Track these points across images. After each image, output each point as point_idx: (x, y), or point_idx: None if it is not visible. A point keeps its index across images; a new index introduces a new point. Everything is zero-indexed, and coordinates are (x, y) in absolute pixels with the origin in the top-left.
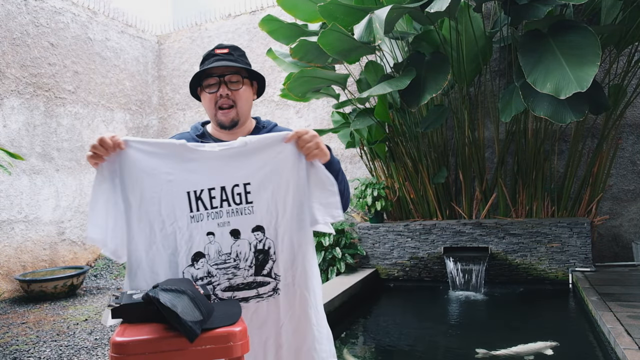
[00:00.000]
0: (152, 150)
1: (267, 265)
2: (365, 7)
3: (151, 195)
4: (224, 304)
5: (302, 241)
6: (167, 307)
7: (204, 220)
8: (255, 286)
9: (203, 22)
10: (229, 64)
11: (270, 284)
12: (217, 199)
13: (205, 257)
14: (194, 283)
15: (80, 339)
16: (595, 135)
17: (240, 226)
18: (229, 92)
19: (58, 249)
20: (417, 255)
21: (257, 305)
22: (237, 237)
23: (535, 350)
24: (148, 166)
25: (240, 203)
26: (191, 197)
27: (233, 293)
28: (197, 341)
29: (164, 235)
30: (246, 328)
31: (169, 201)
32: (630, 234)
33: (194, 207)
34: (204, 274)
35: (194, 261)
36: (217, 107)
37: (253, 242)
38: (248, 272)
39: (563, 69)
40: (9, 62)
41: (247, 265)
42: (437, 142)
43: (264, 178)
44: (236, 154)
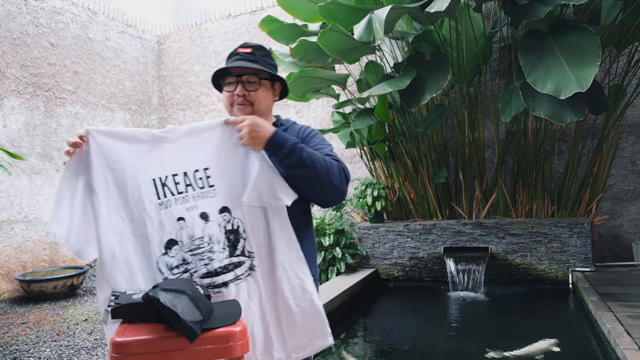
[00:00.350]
0: (116, 140)
1: (240, 245)
2: (365, 7)
3: (118, 185)
4: (224, 304)
5: (271, 216)
6: (167, 307)
7: (173, 206)
8: (232, 268)
9: (203, 22)
10: (247, 64)
11: (246, 262)
12: (182, 185)
13: (178, 243)
14: (194, 283)
15: (80, 339)
16: (595, 135)
17: (207, 209)
18: (245, 92)
19: (58, 249)
20: (417, 255)
21: (237, 288)
22: (206, 219)
23: (543, 350)
24: (112, 155)
25: (204, 187)
26: (157, 184)
27: (212, 279)
28: (197, 341)
29: (134, 225)
30: (246, 328)
31: (135, 190)
32: (630, 234)
33: (161, 193)
34: (178, 261)
35: (167, 249)
36: (233, 105)
37: (222, 224)
38: (223, 254)
39: (563, 69)
40: (9, 62)
41: (220, 248)
42: (437, 142)
43: (220, 161)
44: (195, 140)
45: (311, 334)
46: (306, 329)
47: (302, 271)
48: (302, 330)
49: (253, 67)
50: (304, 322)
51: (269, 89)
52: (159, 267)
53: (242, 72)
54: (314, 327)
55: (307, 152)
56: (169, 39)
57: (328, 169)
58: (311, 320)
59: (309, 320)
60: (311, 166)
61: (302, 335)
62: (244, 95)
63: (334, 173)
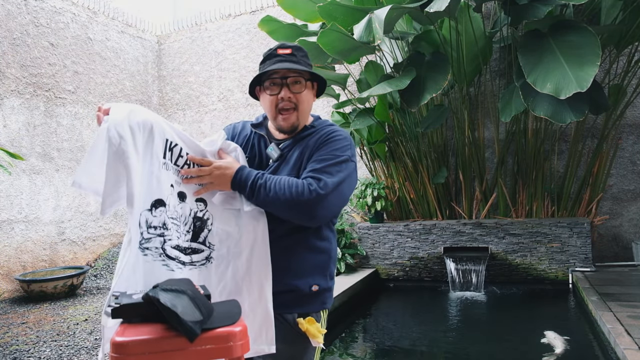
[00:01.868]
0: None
1: (202, 234)
2: (365, 7)
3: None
4: (224, 304)
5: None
6: (167, 307)
7: (170, 170)
8: (190, 252)
9: (203, 22)
10: (292, 66)
11: (204, 252)
12: (182, 160)
13: (165, 206)
14: (194, 283)
15: (80, 339)
16: (595, 135)
17: (187, 191)
18: (290, 95)
19: (58, 249)
20: (417, 255)
21: (190, 274)
22: (182, 199)
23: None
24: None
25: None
26: (167, 144)
27: (179, 253)
28: (197, 341)
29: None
30: (246, 328)
31: (160, 139)
32: (630, 234)
33: (167, 155)
34: (159, 223)
35: (152, 207)
36: (277, 110)
37: (194, 210)
38: (185, 236)
39: (563, 69)
40: (9, 62)
41: (185, 230)
42: (437, 142)
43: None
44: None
45: (256, 337)
46: (252, 331)
47: (266, 277)
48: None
49: (299, 69)
50: (252, 324)
51: (311, 89)
52: (139, 220)
53: (286, 74)
54: (261, 332)
55: (267, 189)
56: (169, 39)
57: (292, 199)
58: (260, 324)
59: (257, 323)
60: (272, 202)
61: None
62: (289, 98)
63: (299, 202)
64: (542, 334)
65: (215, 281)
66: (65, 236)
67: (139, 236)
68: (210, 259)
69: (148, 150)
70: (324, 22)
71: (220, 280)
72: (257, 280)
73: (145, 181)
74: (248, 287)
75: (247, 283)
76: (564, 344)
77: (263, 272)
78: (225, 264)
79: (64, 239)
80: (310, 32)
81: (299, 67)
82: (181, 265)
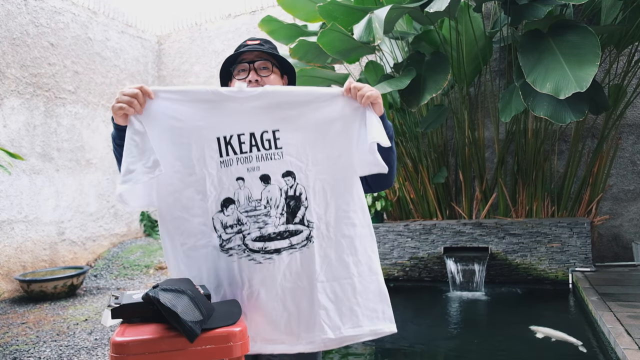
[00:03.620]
0: (181, 98)
1: (299, 212)
2: (365, 7)
3: (181, 141)
4: (224, 304)
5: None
6: (167, 307)
7: (234, 164)
8: (288, 235)
9: (203, 22)
10: (260, 48)
11: (304, 232)
12: (247, 144)
13: (234, 203)
14: (193, 283)
15: (80, 339)
16: (595, 135)
17: (270, 171)
18: (258, 77)
19: (58, 249)
20: (417, 255)
21: (290, 257)
22: (267, 182)
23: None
24: (178, 113)
25: (270, 148)
26: (221, 142)
27: (264, 244)
28: (197, 341)
29: (194, 180)
30: (246, 328)
31: (199, 146)
32: (630, 234)
33: (224, 152)
34: (233, 221)
35: (223, 207)
36: None
37: (284, 188)
38: (279, 220)
39: (563, 69)
40: (9, 62)
41: (278, 213)
42: (437, 142)
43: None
44: (268, 101)
45: (372, 316)
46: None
47: (372, 249)
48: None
49: (265, 52)
50: (366, 303)
51: (279, 77)
52: (214, 224)
53: (253, 59)
54: (376, 309)
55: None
56: (169, 39)
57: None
58: (374, 302)
59: (372, 301)
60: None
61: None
62: (256, 81)
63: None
64: (541, 334)
65: (319, 262)
66: (65, 236)
67: (218, 240)
68: (311, 238)
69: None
70: (324, 22)
71: (324, 260)
72: (363, 253)
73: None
74: (355, 262)
75: (353, 258)
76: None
77: (369, 244)
78: (327, 242)
79: (64, 239)
80: (310, 32)
81: (267, 51)
82: (270, 254)
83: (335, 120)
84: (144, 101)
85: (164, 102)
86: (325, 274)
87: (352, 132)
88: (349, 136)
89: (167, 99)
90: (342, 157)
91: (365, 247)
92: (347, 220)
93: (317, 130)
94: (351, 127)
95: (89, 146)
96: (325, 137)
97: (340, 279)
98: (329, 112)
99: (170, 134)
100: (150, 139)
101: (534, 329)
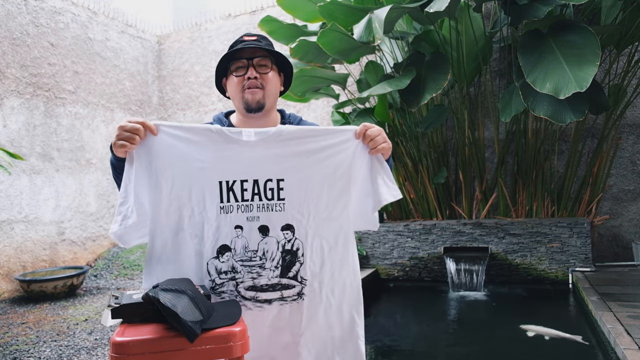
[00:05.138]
0: (185, 136)
1: (294, 268)
2: (365, 7)
3: (181, 182)
4: (224, 304)
5: (336, 246)
6: (167, 307)
7: (234, 212)
8: (280, 288)
9: (203, 22)
10: (258, 44)
11: (296, 287)
12: (249, 192)
13: (231, 250)
14: (193, 283)
15: (80, 339)
16: (595, 135)
17: (270, 223)
18: (257, 74)
19: (58, 249)
20: (417, 255)
21: (279, 309)
22: (265, 234)
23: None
24: (180, 152)
25: (272, 199)
26: (223, 187)
27: (256, 293)
28: (197, 341)
29: (192, 223)
30: (246, 328)
31: (199, 189)
32: (630, 234)
33: (225, 197)
34: (228, 268)
35: (219, 254)
36: (244, 89)
37: (281, 242)
38: (273, 272)
39: (563, 69)
40: (9, 62)
41: (272, 266)
42: (437, 142)
43: (301, 175)
44: (273, 147)
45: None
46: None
47: (358, 312)
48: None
49: (264, 49)
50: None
51: (277, 74)
52: (207, 269)
53: (252, 55)
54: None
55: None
56: (169, 39)
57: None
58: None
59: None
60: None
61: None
62: (255, 78)
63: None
64: (532, 332)
65: (306, 318)
66: (65, 236)
67: (210, 283)
68: (302, 295)
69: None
70: (323, 22)
71: (312, 317)
72: (348, 313)
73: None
74: (340, 322)
75: (339, 319)
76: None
77: (354, 306)
78: (318, 300)
79: (64, 239)
80: (310, 32)
81: (265, 48)
82: (261, 303)
83: (343, 175)
84: (145, 136)
85: (167, 138)
86: (311, 330)
87: (357, 188)
88: (355, 194)
89: (170, 135)
90: (343, 215)
91: (350, 310)
92: (340, 280)
93: (322, 184)
94: (356, 184)
95: (89, 146)
96: (330, 192)
97: (323, 338)
98: (338, 162)
99: (171, 173)
100: (150, 176)
101: (525, 328)
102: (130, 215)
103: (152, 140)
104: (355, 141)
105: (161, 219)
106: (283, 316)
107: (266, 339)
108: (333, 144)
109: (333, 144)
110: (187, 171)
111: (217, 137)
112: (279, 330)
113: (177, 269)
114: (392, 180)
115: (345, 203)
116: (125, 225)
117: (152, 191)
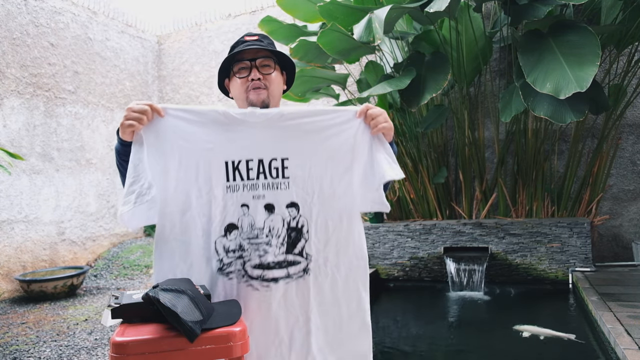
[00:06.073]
0: (191, 118)
1: (299, 244)
2: (365, 7)
3: (188, 162)
4: (224, 304)
5: (340, 224)
6: (167, 307)
7: (240, 191)
8: (286, 265)
9: (203, 22)
10: (260, 45)
11: (301, 263)
12: (254, 171)
13: (238, 229)
14: (193, 283)
15: (80, 339)
16: (595, 135)
17: (275, 201)
18: (260, 75)
19: (58, 249)
20: (417, 255)
21: (286, 287)
22: (271, 211)
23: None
24: (187, 133)
25: (277, 177)
26: (229, 166)
27: (263, 271)
28: (197, 341)
29: (199, 203)
30: (246, 328)
31: (206, 169)
32: (630, 234)
33: (231, 177)
34: (235, 246)
35: (226, 232)
36: (248, 90)
37: (287, 219)
38: (279, 249)
39: (563, 69)
40: (9, 62)
41: (279, 243)
42: (437, 142)
43: (305, 154)
44: (277, 128)
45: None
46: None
47: (364, 287)
48: (346, 347)
49: (267, 49)
50: (349, 340)
51: (280, 74)
52: (215, 247)
53: (255, 56)
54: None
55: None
56: (169, 39)
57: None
58: (355, 341)
59: (353, 335)
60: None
61: (346, 352)
62: (259, 79)
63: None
64: (527, 333)
65: (314, 294)
66: (65, 236)
67: (218, 263)
68: (308, 271)
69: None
70: (323, 22)
71: (318, 293)
72: (355, 291)
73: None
74: (347, 299)
75: (345, 295)
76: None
77: (362, 282)
78: (323, 276)
79: (64, 239)
80: (310, 32)
81: (268, 48)
82: (268, 282)
83: (346, 154)
84: (152, 118)
85: (174, 120)
86: (318, 306)
87: (360, 167)
88: (358, 172)
89: (177, 118)
90: (347, 193)
91: (357, 285)
92: (345, 258)
93: (326, 162)
94: (360, 163)
95: (89, 146)
96: (334, 170)
97: (330, 313)
98: (340, 141)
99: (178, 154)
100: (157, 157)
101: (519, 329)
102: (147, 191)
103: (160, 122)
104: (357, 120)
105: (169, 199)
106: (290, 294)
107: (275, 321)
108: (335, 123)
109: (335, 124)
110: (194, 152)
111: (223, 119)
112: (288, 309)
113: (185, 249)
114: (395, 161)
115: (349, 181)
116: (141, 202)
117: (159, 172)
